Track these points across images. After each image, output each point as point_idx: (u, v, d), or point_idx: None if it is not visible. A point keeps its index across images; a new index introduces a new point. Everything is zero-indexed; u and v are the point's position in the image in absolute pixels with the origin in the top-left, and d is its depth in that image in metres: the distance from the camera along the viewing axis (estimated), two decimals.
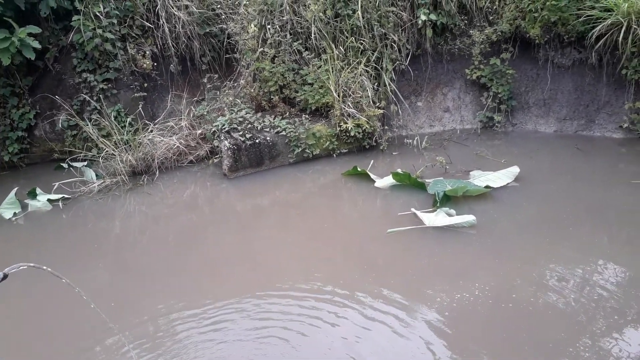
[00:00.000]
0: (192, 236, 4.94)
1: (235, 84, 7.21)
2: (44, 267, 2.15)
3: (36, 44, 6.42)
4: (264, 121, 6.43)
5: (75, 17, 6.68)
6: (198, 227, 5.16)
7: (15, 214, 5.60)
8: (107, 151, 6.44)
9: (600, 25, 6.01)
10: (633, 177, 5.16)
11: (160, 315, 3.62)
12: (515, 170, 5.35)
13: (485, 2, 6.95)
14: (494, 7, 6.97)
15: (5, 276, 1.74)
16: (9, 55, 6.26)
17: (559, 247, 4.05)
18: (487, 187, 5.05)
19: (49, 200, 5.79)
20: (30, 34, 6.40)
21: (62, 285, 2.61)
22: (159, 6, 7.10)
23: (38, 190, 5.89)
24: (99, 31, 6.70)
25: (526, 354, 2.98)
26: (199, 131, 6.90)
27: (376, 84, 6.79)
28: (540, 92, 6.93)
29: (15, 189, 5.87)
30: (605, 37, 6.08)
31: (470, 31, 6.99)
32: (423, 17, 6.86)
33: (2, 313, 3.83)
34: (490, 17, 7.02)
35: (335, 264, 4.15)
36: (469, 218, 4.40)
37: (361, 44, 6.70)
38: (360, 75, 6.50)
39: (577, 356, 2.91)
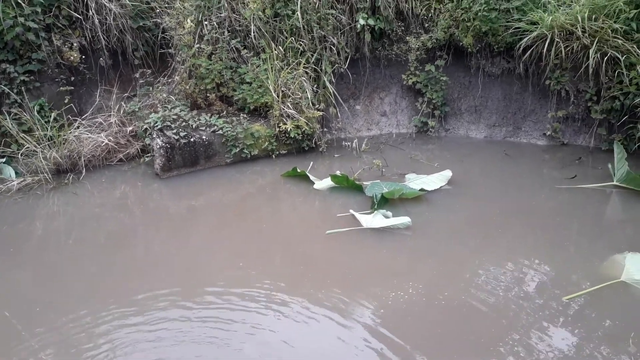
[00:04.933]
0: (122, 238, 4.69)
1: (170, 80, 6.96)
2: None
3: None
4: (199, 119, 6.24)
5: None
6: (128, 229, 4.92)
7: None
8: (28, 147, 5.99)
9: (527, 38, 6.34)
10: (555, 183, 5.48)
11: (86, 317, 3.41)
12: (448, 174, 5.53)
13: (421, 10, 7.14)
14: (430, 15, 7.17)
15: None
16: None
17: (489, 248, 4.22)
18: (421, 189, 5.18)
19: None
20: None
21: None
22: None
23: None
24: (21, 19, 6.23)
25: (458, 349, 3.07)
26: (130, 128, 6.58)
27: (315, 86, 6.79)
28: (472, 99, 7.22)
29: None
30: (531, 49, 6.42)
31: (407, 37, 7.16)
32: (362, 21, 6.95)
33: None
34: (426, 25, 7.22)
35: (272, 265, 4.10)
36: (405, 220, 4.49)
37: (300, 44, 6.68)
38: (300, 76, 6.48)
39: (507, 350, 3.03)
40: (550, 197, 5.19)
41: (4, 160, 6.10)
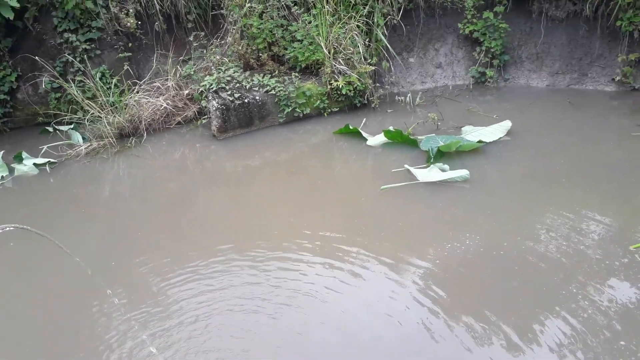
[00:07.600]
0: (183, 197, 4.90)
1: (223, 42, 7.01)
2: (29, 228, 2.09)
3: (14, 3, 6.15)
4: (252, 80, 6.29)
5: None
6: (188, 189, 5.12)
7: (2, 177, 5.51)
8: (92, 113, 6.30)
9: None
10: (624, 130, 5.14)
11: (154, 273, 3.62)
12: (507, 124, 5.31)
13: None
14: None
15: None
16: None
17: (550, 200, 4.06)
18: (479, 142, 5.02)
19: (35, 164, 5.69)
20: None
21: (53, 250, 2.57)
22: None
23: (24, 154, 5.78)
24: None
25: (518, 299, 3.04)
26: (186, 91, 6.74)
27: (367, 39, 6.63)
28: (534, 46, 6.81)
29: (1, 152, 5.77)
30: None
31: None
32: None
33: None
34: None
35: (327, 221, 4.15)
36: (463, 173, 4.38)
37: None
38: (352, 30, 6.34)
39: (568, 301, 2.95)
40: (619, 146, 4.87)
41: (72, 126, 6.45)
